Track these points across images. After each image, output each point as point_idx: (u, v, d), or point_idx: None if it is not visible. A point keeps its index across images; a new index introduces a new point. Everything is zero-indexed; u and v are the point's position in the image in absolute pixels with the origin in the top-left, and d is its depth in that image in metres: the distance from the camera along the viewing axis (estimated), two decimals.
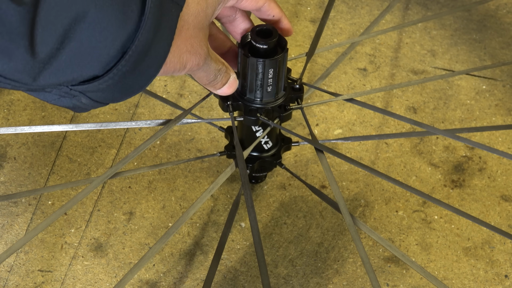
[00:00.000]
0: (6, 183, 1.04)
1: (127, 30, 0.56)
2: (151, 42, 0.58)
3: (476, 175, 1.07)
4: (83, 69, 0.56)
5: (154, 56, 0.60)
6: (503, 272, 0.99)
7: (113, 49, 0.56)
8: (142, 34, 0.57)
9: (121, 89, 0.60)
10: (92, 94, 0.59)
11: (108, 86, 0.58)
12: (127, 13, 0.56)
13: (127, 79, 0.59)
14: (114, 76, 0.58)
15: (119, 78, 0.58)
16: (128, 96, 0.61)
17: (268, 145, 0.93)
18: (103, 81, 0.58)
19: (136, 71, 0.59)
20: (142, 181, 1.05)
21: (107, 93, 0.59)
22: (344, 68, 1.17)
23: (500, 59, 1.19)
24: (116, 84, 0.59)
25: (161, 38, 0.59)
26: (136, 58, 0.58)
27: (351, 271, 0.98)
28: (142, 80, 0.60)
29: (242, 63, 0.83)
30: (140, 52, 0.58)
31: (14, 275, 0.96)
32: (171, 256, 0.99)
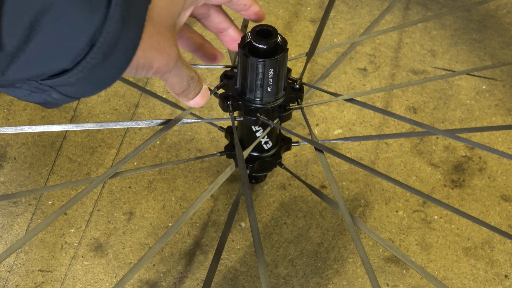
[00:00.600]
0: (6, 183, 1.04)
1: (94, 22, 0.56)
2: (119, 33, 0.57)
3: (476, 175, 1.07)
4: (52, 62, 0.56)
5: (124, 48, 0.59)
6: (503, 272, 0.99)
7: (81, 41, 0.56)
8: (110, 25, 0.56)
9: (91, 82, 0.59)
10: (62, 88, 0.59)
11: (78, 79, 0.58)
12: (94, 5, 0.55)
13: (97, 72, 0.58)
14: (83, 69, 0.57)
15: (88, 71, 0.58)
16: (99, 89, 0.61)
17: (268, 145, 0.93)
18: (72, 75, 0.57)
19: (105, 63, 0.58)
20: (142, 181, 1.05)
21: (77, 86, 0.59)
22: (344, 68, 1.17)
23: (500, 59, 1.19)
24: (85, 77, 0.58)
25: (130, 30, 0.58)
26: (105, 50, 0.57)
27: (351, 271, 0.98)
28: (112, 73, 0.60)
29: (242, 63, 0.83)
30: (109, 44, 0.57)
31: (14, 275, 0.96)
32: (171, 256, 0.99)
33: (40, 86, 0.58)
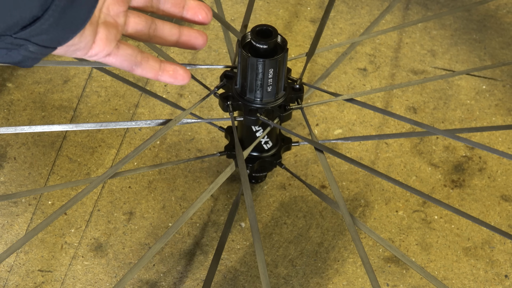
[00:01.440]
0: (6, 183, 1.04)
1: None
2: None
3: (476, 175, 1.07)
4: (21, 11, 0.56)
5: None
6: (503, 272, 0.99)
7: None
8: None
9: (64, 25, 0.59)
10: (37, 39, 0.59)
11: (50, 25, 0.58)
12: None
13: (67, 14, 0.58)
14: (53, 13, 0.58)
15: (59, 14, 0.58)
16: (73, 33, 0.61)
17: (268, 145, 0.93)
18: (44, 20, 0.58)
19: (74, 3, 0.58)
20: (142, 181, 1.05)
21: (52, 33, 0.59)
22: (344, 68, 1.17)
23: (500, 59, 1.19)
24: (57, 21, 0.58)
25: None
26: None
27: (351, 271, 0.98)
28: (83, 11, 0.60)
29: (242, 63, 0.83)
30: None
31: (14, 275, 0.96)
32: (171, 256, 0.99)
33: (14, 40, 0.58)
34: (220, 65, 0.91)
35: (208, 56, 1.18)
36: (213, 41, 1.20)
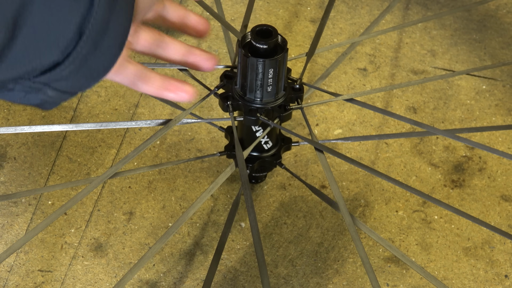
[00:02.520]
0: (6, 183, 1.04)
1: (80, 9, 0.54)
2: (108, 18, 0.56)
3: (476, 175, 1.07)
4: (41, 56, 0.54)
5: (114, 33, 0.57)
6: (503, 272, 0.99)
7: (68, 30, 0.54)
8: (97, 11, 0.55)
9: (85, 73, 0.57)
10: (56, 84, 0.57)
11: (71, 71, 0.56)
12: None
13: (89, 62, 0.56)
14: (74, 60, 0.55)
15: (80, 61, 0.56)
16: (94, 80, 0.59)
17: (268, 145, 0.93)
18: (64, 67, 0.56)
19: (97, 51, 0.56)
20: (142, 181, 1.05)
21: (72, 80, 0.57)
22: (344, 68, 1.17)
23: (500, 59, 1.19)
24: (78, 68, 0.56)
25: (119, 13, 0.57)
26: (94, 37, 0.55)
27: (351, 271, 0.98)
28: (106, 61, 0.58)
29: (242, 63, 0.83)
30: (98, 30, 0.55)
31: (14, 275, 0.96)
32: (171, 256, 0.99)
33: (33, 84, 0.56)
34: (220, 65, 0.91)
35: None
36: (213, 41, 1.20)
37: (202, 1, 0.98)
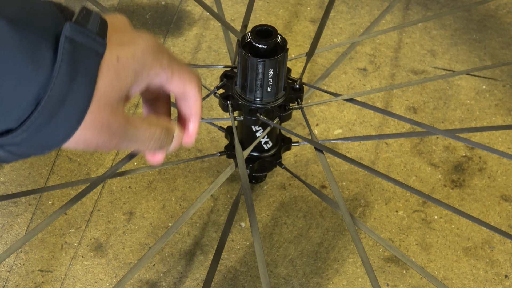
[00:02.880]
0: (6, 183, 1.04)
1: (38, 80, 0.52)
2: (67, 91, 0.53)
3: (476, 175, 1.07)
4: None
5: (72, 106, 0.54)
6: (503, 272, 0.99)
7: (24, 100, 0.52)
8: (55, 83, 0.53)
9: (38, 142, 0.55)
10: (8, 148, 0.55)
11: (23, 139, 0.54)
12: (38, 62, 0.52)
13: (43, 132, 0.54)
14: (27, 129, 0.53)
15: (33, 131, 0.54)
16: (48, 149, 0.56)
17: (268, 145, 0.93)
18: (17, 135, 0.53)
19: (52, 123, 0.54)
20: (142, 181, 1.05)
21: (24, 147, 0.55)
22: (344, 68, 1.17)
23: (500, 59, 1.19)
24: (31, 137, 0.54)
25: (78, 87, 0.54)
26: (50, 109, 0.53)
27: (351, 271, 0.98)
28: (61, 133, 0.55)
29: (242, 63, 0.83)
30: (55, 102, 0.53)
31: (14, 275, 0.96)
32: (171, 256, 0.99)
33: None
34: (220, 65, 0.91)
35: (208, 56, 1.18)
36: (213, 41, 1.20)
37: (202, 1, 0.98)
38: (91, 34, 0.55)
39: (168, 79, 0.62)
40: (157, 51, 0.61)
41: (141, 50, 0.60)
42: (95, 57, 0.56)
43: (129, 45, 0.60)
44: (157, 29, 1.21)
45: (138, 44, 0.60)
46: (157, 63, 0.61)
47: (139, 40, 0.61)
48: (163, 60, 0.61)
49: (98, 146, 0.59)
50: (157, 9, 1.24)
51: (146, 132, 0.62)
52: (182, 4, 1.25)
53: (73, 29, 0.54)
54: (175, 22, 1.23)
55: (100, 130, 0.58)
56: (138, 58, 0.60)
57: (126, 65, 0.59)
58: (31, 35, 0.52)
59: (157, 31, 1.21)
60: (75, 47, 0.54)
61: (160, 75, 0.62)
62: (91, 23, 0.56)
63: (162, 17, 1.23)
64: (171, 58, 0.62)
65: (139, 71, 0.60)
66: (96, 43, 0.56)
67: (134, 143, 0.61)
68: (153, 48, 0.61)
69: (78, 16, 0.55)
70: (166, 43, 1.19)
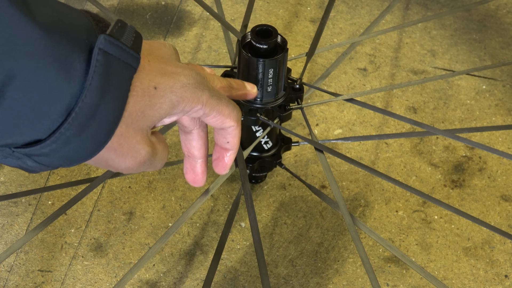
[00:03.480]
0: (6, 183, 1.04)
1: (70, 91, 0.52)
2: (98, 103, 0.53)
3: (476, 175, 1.07)
4: (22, 131, 0.52)
5: (103, 119, 0.54)
6: (503, 272, 0.99)
7: (55, 110, 0.52)
8: (87, 95, 0.52)
9: (67, 154, 0.54)
10: (37, 158, 0.54)
11: (52, 150, 0.53)
12: (70, 72, 0.51)
13: (73, 144, 0.54)
14: (57, 140, 0.53)
15: (63, 142, 0.53)
16: (76, 162, 0.55)
17: (268, 145, 0.93)
18: (46, 145, 0.53)
19: (82, 135, 0.54)
20: (142, 181, 1.05)
21: (52, 158, 0.54)
22: (344, 68, 1.17)
23: (500, 59, 1.19)
24: (60, 148, 0.53)
25: (110, 101, 0.54)
26: (81, 121, 0.53)
27: (351, 271, 0.98)
28: (91, 146, 0.55)
29: (242, 63, 0.83)
30: (86, 114, 0.53)
31: (14, 275, 0.96)
32: (171, 256, 0.99)
33: (13, 153, 0.54)
34: (220, 65, 0.91)
35: (208, 56, 1.18)
36: (213, 41, 1.20)
37: (202, 1, 0.98)
38: (124, 48, 0.55)
39: (205, 115, 0.63)
40: (197, 87, 0.61)
41: (181, 83, 0.60)
42: (128, 71, 0.55)
43: (170, 76, 0.59)
44: (157, 29, 1.21)
45: (180, 77, 0.60)
46: (195, 99, 0.61)
47: (182, 74, 0.60)
48: (202, 97, 0.61)
49: (118, 168, 0.59)
50: (157, 9, 1.24)
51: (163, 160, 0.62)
52: (182, 4, 1.25)
53: (107, 41, 0.53)
54: (175, 22, 1.23)
55: (124, 154, 0.58)
56: (177, 91, 0.59)
57: (163, 95, 0.58)
58: (64, 45, 0.51)
59: (157, 31, 1.21)
60: (108, 59, 0.54)
61: (198, 111, 0.62)
62: (125, 36, 0.55)
63: (162, 17, 1.23)
64: (211, 95, 0.62)
65: (175, 104, 0.59)
66: (129, 57, 0.55)
67: (150, 168, 0.62)
68: (194, 84, 0.61)
69: (113, 28, 0.55)
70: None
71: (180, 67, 0.60)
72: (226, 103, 0.64)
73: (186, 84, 0.60)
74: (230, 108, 0.64)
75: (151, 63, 0.59)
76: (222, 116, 0.64)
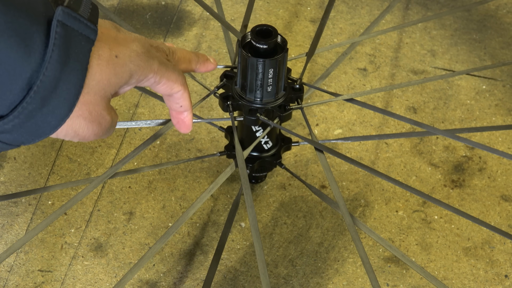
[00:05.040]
0: (6, 183, 1.04)
1: (30, 65, 0.51)
2: (59, 76, 0.53)
3: (476, 175, 1.07)
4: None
5: (65, 92, 0.54)
6: (503, 272, 0.99)
7: (16, 85, 0.51)
8: (48, 68, 0.52)
9: (29, 129, 0.54)
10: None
11: (14, 126, 0.53)
12: (30, 46, 0.51)
13: (35, 118, 0.54)
14: (19, 115, 0.53)
15: (26, 117, 0.53)
16: (39, 137, 0.55)
17: (268, 145, 0.93)
18: (8, 121, 0.53)
19: (44, 109, 0.53)
20: (142, 181, 1.05)
21: (15, 134, 0.54)
22: (344, 68, 1.17)
23: (500, 59, 1.19)
24: (22, 123, 0.53)
25: (71, 73, 0.54)
26: (43, 94, 0.53)
27: (351, 271, 0.98)
28: (53, 119, 0.55)
29: (242, 63, 0.83)
30: (47, 88, 0.53)
31: (14, 275, 0.96)
32: (171, 256, 0.99)
33: None
34: (220, 65, 0.91)
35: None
36: (213, 41, 1.20)
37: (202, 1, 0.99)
38: (82, 20, 0.55)
39: (156, 83, 0.64)
40: (149, 55, 0.62)
41: (136, 53, 0.61)
42: (87, 43, 0.55)
43: (125, 45, 0.60)
44: (157, 29, 1.21)
45: (134, 45, 0.61)
46: (149, 68, 0.62)
47: (135, 42, 0.61)
48: (153, 65, 0.63)
49: (85, 136, 0.59)
50: (157, 9, 1.24)
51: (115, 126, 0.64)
52: (182, 4, 1.25)
53: (65, 13, 0.53)
54: (175, 22, 1.23)
55: (93, 121, 0.59)
56: (134, 60, 0.61)
57: (124, 64, 0.60)
58: (23, 18, 0.51)
59: (157, 31, 1.21)
60: (67, 31, 0.53)
61: (149, 79, 0.63)
62: (82, 8, 0.55)
63: (162, 17, 1.23)
64: (160, 62, 0.64)
65: (133, 72, 0.61)
66: (88, 29, 0.55)
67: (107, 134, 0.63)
68: (146, 53, 0.62)
69: (70, 1, 0.55)
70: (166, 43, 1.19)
71: (129, 34, 0.62)
72: (172, 69, 0.66)
73: (140, 54, 0.61)
74: (176, 73, 0.66)
75: (106, 31, 0.59)
76: (171, 81, 0.66)
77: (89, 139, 0.60)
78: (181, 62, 0.72)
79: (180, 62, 0.71)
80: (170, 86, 0.66)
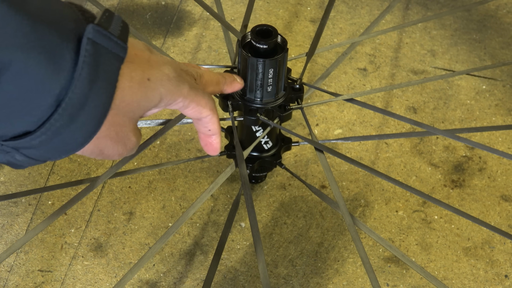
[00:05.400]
0: (6, 183, 1.04)
1: (59, 81, 0.51)
2: (87, 94, 0.53)
3: (476, 175, 1.07)
4: (13, 122, 0.51)
5: (93, 109, 0.54)
6: (503, 272, 0.99)
7: (44, 102, 0.51)
8: (77, 85, 0.52)
9: (56, 146, 0.54)
10: (25, 151, 0.54)
11: (41, 142, 0.53)
12: (59, 63, 0.51)
13: (63, 135, 0.54)
14: (46, 131, 0.53)
15: (53, 133, 0.53)
16: (65, 154, 0.56)
17: (268, 145, 0.93)
18: (35, 137, 0.53)
19: (72, 126, 0.53)
20: (142, 181, 1.05)
21: (41, 150, 0.54)
22: (344, 68, 1.17)
23: (500, 59, 1.19)
24: (49, 140, 0.53)
25: (99, 90, 0.54)
26: (71, 111, 0.53)
27: (351, 271, 0.98)
28: (80, 136, 0.55)
29: (242, 63, 0.83)
30: (75, 105, 0.53)
31: (14, 275, 0.96)
32: (171, 256, 0.99)
33: (1, 147, 0.54)
34: (220, 65, 0.91)
35: (208, 56, 1.18)
36: (213, 41, 1.20)
37: (202, 1, 0.99)
38: (112, 37, 0.55)
39: (184, 107, 0.65)
40: (180, 80, 0.63)
41: (167, 77, 0.61)
42: (116, 61, 0.55)
43: (158, 68, 0.61)
44: (157, 29, 1.21)
45: (166, 69, 0.61)
46: (179, 92, 0.63)
47: (167, 65, 0.62)
48: (183, 90, 0.64)
49: (109, 155, 0.60)
50: (157, 9, 1.24)
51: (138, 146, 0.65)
52: (182, 4, 1.25)
53: (95, 31, 0.53)
54: (175, 22, 1.23)
55: (119, 141, 0.59)
56: (165, 84, 0.61)
57: (155, 88, 0.60)
58: (53, 35, 0.51)
59: (157, 31, 1.21)
60: (97, 49, 0.54)
61: (178, 103, 0.64)
62: (113, 25, 0.55)
63: (162, 17, 1.23)
64: (190, 87, 0.65)
65: (163, 96, 0.61)
66: (118, 47, 0.55)
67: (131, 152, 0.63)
68: (177, 77, 0.63)
69: (101, 18, 0.55)
70: (166, 43, 1.19)
71: (161, 57, 0.62)
72: (202, 94, 0.66)
73: (171, 78, 0.61)
74: (206, 98, 0.67)
75: (139, 53, 0.59)
76: (200, 106, 0.66)
77: (113, 158, 0.61)
78: (209, 85, 0.72)
79: (208, 85, 0.72)
80: (199, 111, 0.67)
